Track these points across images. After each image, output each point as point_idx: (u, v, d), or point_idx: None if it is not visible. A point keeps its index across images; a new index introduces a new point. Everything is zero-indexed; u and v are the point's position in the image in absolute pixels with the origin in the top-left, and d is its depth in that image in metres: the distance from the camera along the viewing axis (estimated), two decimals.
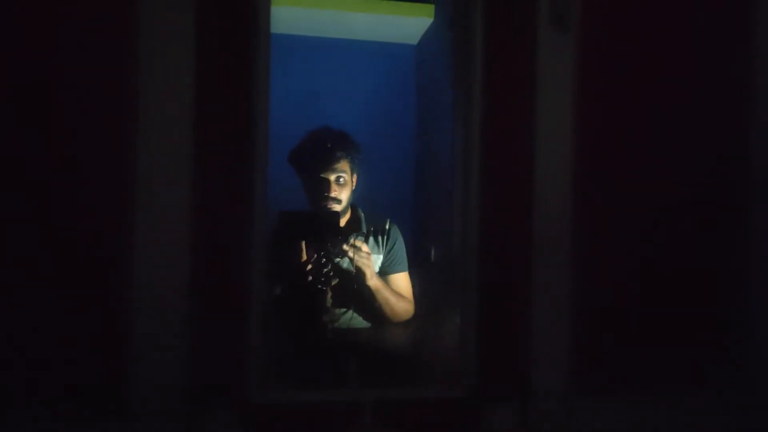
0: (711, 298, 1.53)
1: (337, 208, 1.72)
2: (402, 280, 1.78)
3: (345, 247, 1.65)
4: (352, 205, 1.80)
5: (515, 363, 1.41)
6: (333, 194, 1.71)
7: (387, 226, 1.79)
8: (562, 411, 1.42)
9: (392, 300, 1.71)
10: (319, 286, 1.66)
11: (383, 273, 1.75)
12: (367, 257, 1.66)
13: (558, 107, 1.42)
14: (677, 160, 1.50)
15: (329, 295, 1.68)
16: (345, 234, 1.72)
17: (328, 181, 1.72)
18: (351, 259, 1.65)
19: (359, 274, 1.66)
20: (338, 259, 1.70)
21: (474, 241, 1.40)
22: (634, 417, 1.46)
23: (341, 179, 1.73)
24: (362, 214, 1.80)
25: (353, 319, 1.72)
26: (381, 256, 1.77)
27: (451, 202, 1.55)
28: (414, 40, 2.44)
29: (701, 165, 1.52)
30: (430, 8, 2.20)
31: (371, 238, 1.77)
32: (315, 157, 1.72)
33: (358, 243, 1.67)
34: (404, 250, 1.80)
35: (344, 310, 1.72)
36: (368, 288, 1.67)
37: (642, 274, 1.49)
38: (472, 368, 1.40)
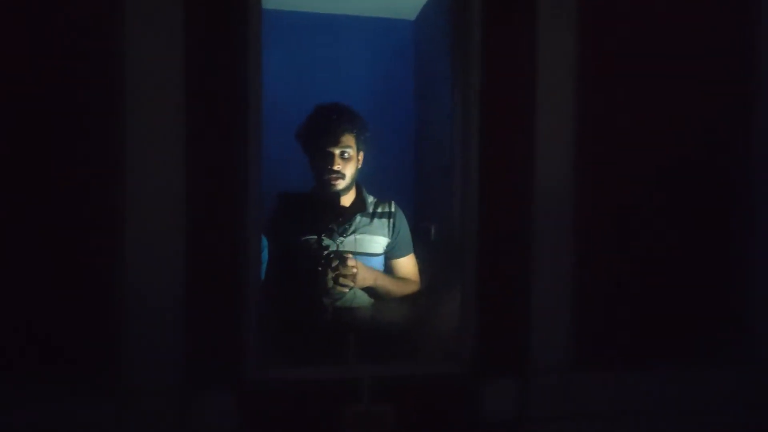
0: (709, 273, 1.53)
1: (341, 183, 1.72)
2: (408, 263, 1.78)
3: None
4: (357, 184, 1.79)
5: (515, 339, 1.42)
6: (337, 167, 1.70)
7: (392, 209, 1.79)
8: (561, 385, 1.43)
9: (393, 289, 1.73)
10: (319, 268, 1.66)
11: (388, 257, 1.75)
12: (353, 268, 1.64)
13: (559, 80, 1.40)
14: (682, 136, 1.49)
15: (330, 275, 1.68)
16: (348, 215, 1.72)
17: (332, 155, 1.71)
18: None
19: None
20: (341, 240, 1.70)
21: (474, 218, 1.39)
22: (633, 390, 1.47)
23: (346, 154, 1.72)
24: (367, 195, 1.79)
25: (356, 297, 1.72)
26: (386, 239, 1.76)
27: (451, 180, 1.54)
28: (412, 15, 2.40)
29: (704, 146, 1.51)
30: None
31: (376, 219, 1.76)
32: (320, 130, 1.72)
33: (350, 264, 1.65)
34: (409, 232, 1.79)
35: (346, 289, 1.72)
36: (369, 288, 1.69)
37: (642, 250, 1.48)
38: (471, 344, 1.40)
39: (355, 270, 1.64)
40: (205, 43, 1.26)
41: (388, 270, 1.74)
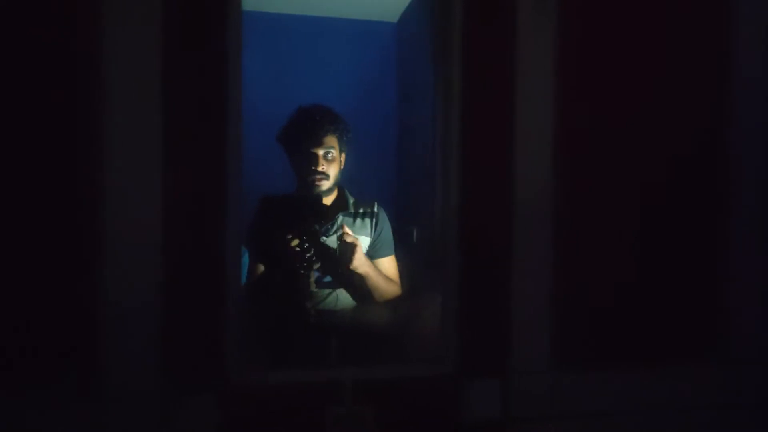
0: (687, 272, 1.55)
1: (325, 184, 1.72)
2: (389, 264, 1.78)
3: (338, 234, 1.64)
4: (339, 185, 1.79)
5: (497, 340, 1.42)
6: (321, 168, 1.70)
7: (375, 209, 1.79)
8: (544, 386, 1.44)
9: (382, 284, 1.72)
10: (302, 271, 1.65)
11: (370, 257, 1.75)
12: (356, 246, 1.65)
13: (539, 83, 1.41)
14: (660, 138, 1.50)
15: (312, 278, 1.67)
16: (331, 215, 1.72)
17: (316, 156, 1.71)
18: (340, 244, 1.64)
19: (348, 262, 1.65)
20: (323, 239, 1.69)
21: (454, 221, 1.39)
22: (616, 390, 1.48)
23: (329, 155, 1.72)
24: (349, 196, 1.79)
25: (339, 300, 1.71)
26: (369, 239, 1.76)
27: (432, 182, 1.55)
28: (394, 17, 2.41)
29: (684, 144, 1.52)
30: None
31: (359, 220, 1.76)
32: (303, 131, 1.71)
33: (347, 230, 1.67)
34: (391, 233, 1.80)
35: (329, 291, 1.72)
36: (359, 275, 1.67)
37: (623, 250, 1.50)
38: (454, 346, 1.40)
39: (355, 243, 1.63)
40: (183, 44, 1.25)
41: None
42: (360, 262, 1.66)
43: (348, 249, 1.64)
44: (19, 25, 1.19)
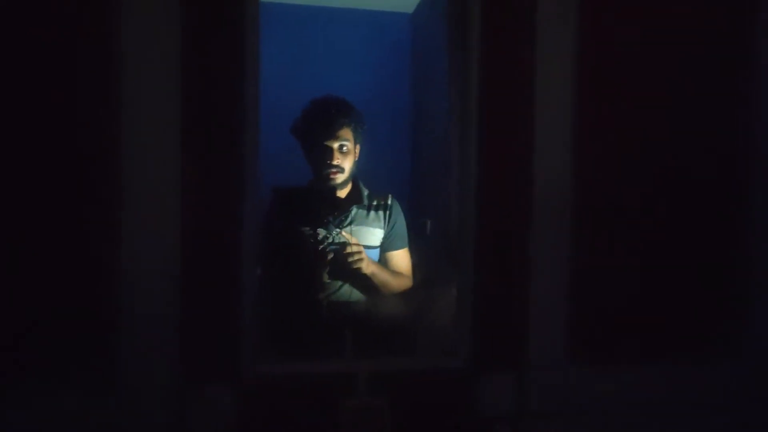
0: (706, 269, 1.53)
1: (340, 177, 1.71)
2: (402, 257, 1.77)
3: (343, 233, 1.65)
4: (354, 177, 1.78)
5: (512, 334, 1.42)
6: (336, 162, 1.70)
7: (389, 201, 1.78)
8: (558, 380, 1.43)
9: (390, 281, 1.71)
10: (315, 263, 1.65)
11: (383, 249, 1.74)
12: (359, 253, 1.65)
13: (559, 74, 1.39)
14: (679, 133, 1.49)
15: (325, 269, 1.67)
16: (345, 207, 1.72)
17: (331, 149, 1.70)
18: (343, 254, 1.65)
19: (353, 270, 1.65)
20: (335, 231, 1.69)
21: (471, 214, 1.39)
22: (631, 385, 1.48)
23: (344, 147, 1.72)
24: (363, 188, 1.79)
25: (353, 292, 1.71)
26: (382, 231, 1.76)
27: (449, 175, 1.54)
28: (409, 8, 2.39)
29: (704, 144, 1.51)
30: None
31: (372, 212, 1.76)
32: (318, 124, 1.71)
33: (346, 235, 1.66)
34: (405, 226, 1.79)
35: (342, 283, 1.72)
36: (365, 276, 1.67)
37: (639, 245, 1.49)
38: (468, 340, 1.40)
39: (361, 253, 1.64)
40: (201, 35, 1.25)
41: (382, 263, 1.73)
42: (367, 264, 1.66)
43: (351, 258, 1.64)
44: (37, 21, 1.19)
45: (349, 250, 1.64)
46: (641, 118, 1.46)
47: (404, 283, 1.75)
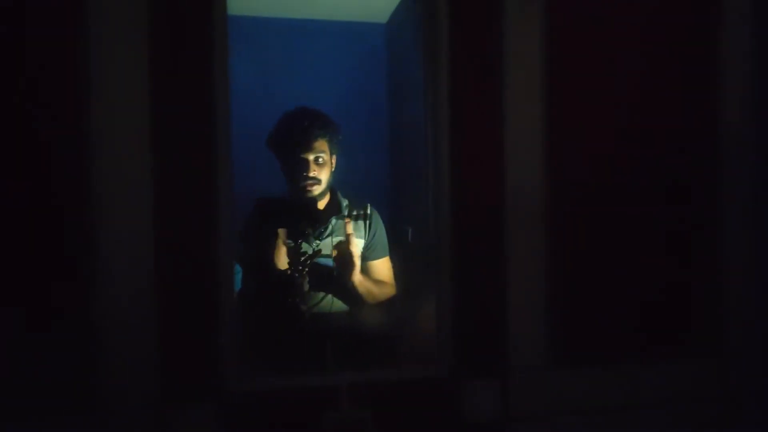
0: (682, 268, 1.55)
1: (317, 189, 1.71)
2: (383, 266, 1.77)
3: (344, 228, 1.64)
4: (332, 188, 1.78)
5: (492, 339, 1.42)
6: (312, 174, 1.69)
7: (368, 211, 1.78)
8: (540, 384, 1.44)
9: (374, 290, 1.71)
10: (296, 274, 1.65)
11: (364, 258, 1.74)
12: (353, 254, 1.65)
13: (528, 81, 1.41)
14: (651, 131, 1.51)
15: (306, 280, 1.66)
16: (324, 218, 1.71)
17: (307, 161, 1.69)
18: (343, 252, 1.64)
19: (343, 272, 1.65)
20: (317, 243, 1.69)
21: (447, 221, 1.39)
22: (612, 386, 1.49)
23: (320, 159, 1.71)
24: (342, 198, 1.78)
25: (333, 303, 1.71)
26: (363, 241, 1.75)
27: (424, 182, 1.54)
28: (383, 18, 2.40)
29: (677, 142, 1.53)
30: None
31: (352, 223, 1.76)
32: (293, 137, 1.70)
33: (349, 228, 1.66)
34: (385, 235, 1.79)
35: (323, 295, 1.71)
36: (351, 283, 1.66)
37: (615, 246, 1.50)
38: (449, 347, 1.40)
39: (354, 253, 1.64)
40: (170, 50, 1.24)
41: (364, 272, 1.72)
42: (356, 270, 1.66)
43: (348, 256, 1.64)
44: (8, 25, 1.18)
45: (351, 247, 1.63)
46: (613, 118, 1.48)
47: (387, 291, 1.75)
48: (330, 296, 1.70)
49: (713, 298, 1.55)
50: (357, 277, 1.67)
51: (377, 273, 1.75)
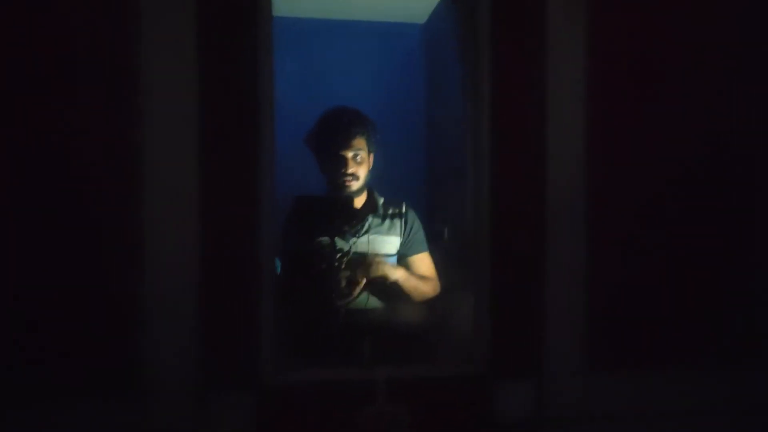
0: (727, 273, 1.51)
1: (355, 184, 1.74)
2: (423, 261, 1.79)
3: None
4: (368, 187, 1.80)
5: (530, 340, 1.41)
6: (350, 170, 1.72)
7: (403, 210, 1.80)
8: (577, 387, 1.42)
9: (420, 285, 1.74)
10: (334, 269, 1.68)
11: (403, 255, 1.76)
12: (380, 265, 1.68)
13: (569, 80, 1.40)
14: (694, 138, 1.48)
15: (342, 276, 1.69)
16: (360, 216, 1.74)
17: (345, 159, 1.73)
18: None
19: (379, 277, 1.69)
20: (353, 240, 1.71)
21: (486, 219, 1.39)
22: (650, 391, 1.46)
23: (358, 157, 1.74)
24: (378, 197, 1.81)
25: (370, 299, 1.73)
26: (399, 239, 1.77)
27: (463, 181, 1.55)
28: (422, 19, 2.41)
29: (719, 147, 1.49)
30: None
31: (387, 221, 1.78)
32: (332, 134, 1.73)
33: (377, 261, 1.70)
34: (422, 231, 1.81)
35: (358, 291, 1.74)
36: (394, 282, 1.69)
37: (657, 250, 1.47)
38: (486, 346, 1.40)
39: (378, 263, 1.67)
40: (216, 51, 1.28)
41: (405, 268, 1.75)
42: (392, 272, 1.69)
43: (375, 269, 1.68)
44: (57, 30, 1.23)
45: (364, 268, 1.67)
46: (654, 121, 1.46)
47: (433, 286, 1.77)
48: (366, 293, 1.73)
49: (762, 307, 1.52)
50: (398, 274, 1.69)
51: (418, 268, 1.77)
